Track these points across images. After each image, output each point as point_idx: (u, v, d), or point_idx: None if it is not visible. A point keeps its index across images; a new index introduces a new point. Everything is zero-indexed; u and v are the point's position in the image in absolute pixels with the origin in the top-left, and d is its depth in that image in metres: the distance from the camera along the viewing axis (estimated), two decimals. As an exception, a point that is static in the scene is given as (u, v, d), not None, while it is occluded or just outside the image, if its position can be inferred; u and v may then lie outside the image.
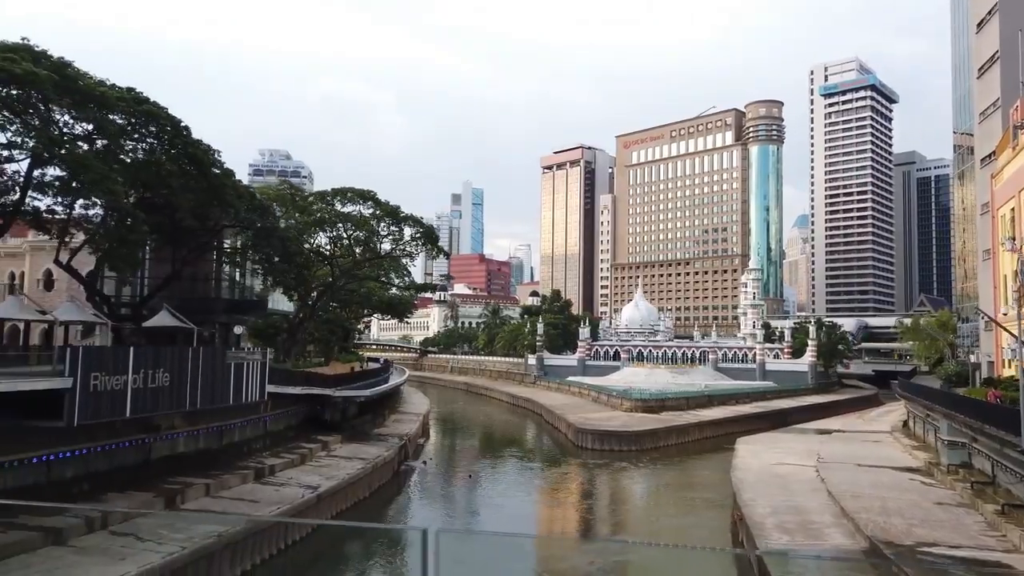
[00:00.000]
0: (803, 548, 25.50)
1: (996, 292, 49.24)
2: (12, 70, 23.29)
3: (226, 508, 30.43)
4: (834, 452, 48.14)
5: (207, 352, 34.62)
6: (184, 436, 36.23)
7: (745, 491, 35.33)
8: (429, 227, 61.21)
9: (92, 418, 27.45)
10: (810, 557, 25.14)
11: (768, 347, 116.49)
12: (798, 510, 31.34)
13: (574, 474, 53.96)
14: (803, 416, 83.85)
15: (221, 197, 34.07)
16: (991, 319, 44.64)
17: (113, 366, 28.22)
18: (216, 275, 44.87)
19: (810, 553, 24.95)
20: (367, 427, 58.21)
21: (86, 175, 24.42)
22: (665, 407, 77.91)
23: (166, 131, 32.22)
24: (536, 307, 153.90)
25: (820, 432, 62.34)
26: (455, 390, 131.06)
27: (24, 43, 26.93)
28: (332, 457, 44.30)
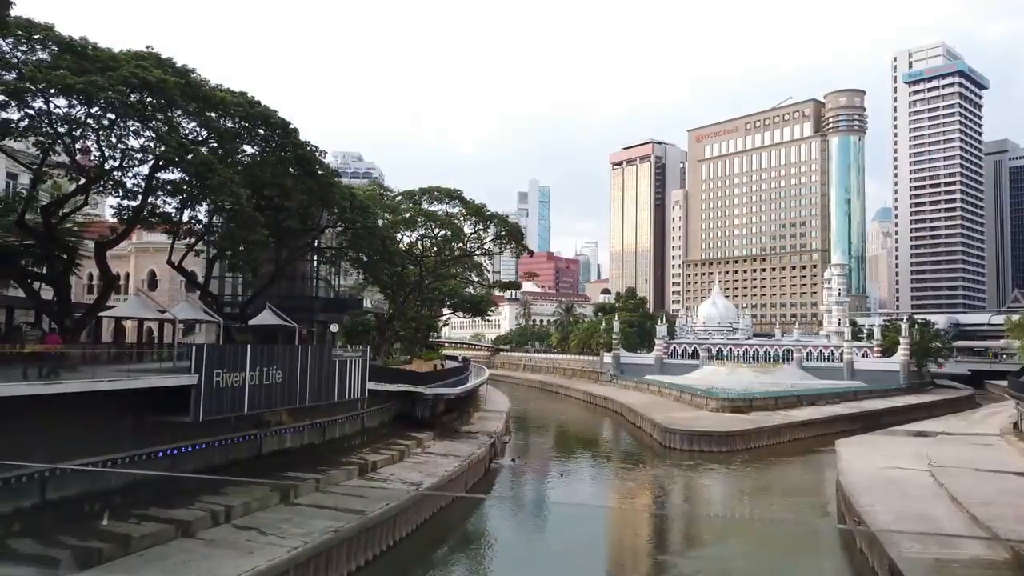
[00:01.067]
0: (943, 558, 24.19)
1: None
2: (145, 77, 24.18)
3: (336, 504, 30.90)
4: (945, 456, 45.88)
5: (315, 350, 35.36)
6: (291, 432, 37.13)
7: (860, 496, 33.92)
8: (515, 225, 61.24)
9: (215, 413, 28.34)
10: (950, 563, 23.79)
11: (856, 345, 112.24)
12: (923, 517, 29.87)
13: (667, 476, 53.01)
14: (897, 418, 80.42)
15: (329, 197, 34.76)
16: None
17: (232, 363, 29.06)
18: (316, 274, 45.84)
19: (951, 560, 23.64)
20: (455, 424, 58.64)
21: (212, 179, 25.16)
22: (753, 407, 75.91)
23: (275, 133, 33.00)
24: (610, 305, 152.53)
25: (922, 434, 59.54)
26: (529, 388, 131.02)
27: (150, 51, 28.00)
28: (428, 454, 44.69)
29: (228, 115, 28.89)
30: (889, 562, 24.41)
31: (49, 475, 23.98)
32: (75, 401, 23.89)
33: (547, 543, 36.88)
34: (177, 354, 29.96)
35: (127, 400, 26.45)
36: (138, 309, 32.52)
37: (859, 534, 30.59)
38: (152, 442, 28.31)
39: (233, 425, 32.11)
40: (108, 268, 29.85)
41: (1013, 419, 63.86)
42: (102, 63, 25.13)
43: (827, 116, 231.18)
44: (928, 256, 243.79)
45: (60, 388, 22.56)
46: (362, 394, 39.80)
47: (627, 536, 38.08)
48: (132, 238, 58.93)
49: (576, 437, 77.94)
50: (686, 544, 35.41)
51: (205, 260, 47.65)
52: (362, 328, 61.94)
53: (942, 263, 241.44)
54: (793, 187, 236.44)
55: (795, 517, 42.80)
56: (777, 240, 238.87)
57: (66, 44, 25.32)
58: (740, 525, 40.13)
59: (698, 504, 44.64)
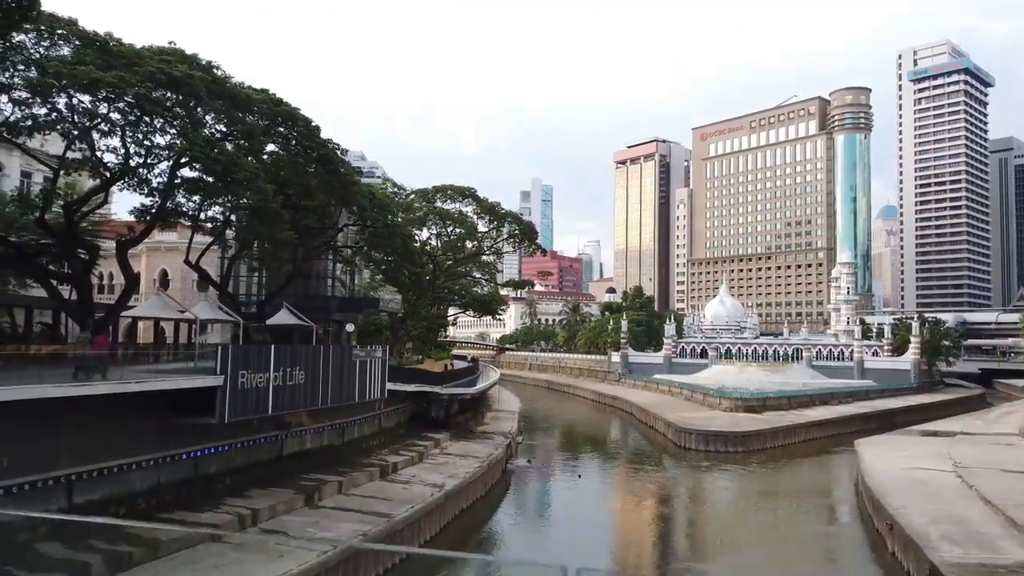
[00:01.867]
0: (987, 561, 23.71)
1: None
2: (171, 73, 23.73)
3: (361, 507, 30.51)
4: (968, 456, 45.33)
5: (336, 350, 34.93)
6: (311, 433, 36.75)
7: (891, 498, 33.43)
8: (529, 223, 60.75)
9: (240, 415, 27.90)
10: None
11: (866, 344, 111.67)
12: (959, 520, 29.38)
13: (685, 477, 52.57)
14: (910, 417, 79.87)
15: (350, 196, 34.28)
16: None
17: (256, 364, 28.62)
18: (332, 273, 45.41)
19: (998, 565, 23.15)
20: (470, 424, 58.24)
21: (239, 174, 24.70)
22: (767, 407, 75.42)
23: (296, 131, 32.56)
24: (617, 304, 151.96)
25: (940, 434, 58.98)
26: (536, 387, 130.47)
27: (173, 47, 27.55)
28: (446, 455, 44.27)
29: (253, 112, 28.42)
30: (930, 567, 23.92)
31: (76, 479, 23.61)
32: (102, 404, 23.48)
33: (571, 547, 36.42)
34: (199, 354, 29.54)
35: (152, 402, 26.05)
36: (158, 309, 32.08)
37: (893, 537, 30.11)
38: (176, 444, 27.92)
39: (255, 427, 31.72)
40: (130, 267, 29.46)
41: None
42: (127, 59, 24.68)
43: (832, 114, 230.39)
44: (933, 254, 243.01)
45: (90, 390, 22.14)
46: (382, 395, 39.38)
47: (654, 540, 37.59)
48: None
49: (588, 437, 77.46)
50: (715, 549, 34.89)
51: (220, 259, 47.34)
52: (374, 328, 61.46)
53: (947, 261, 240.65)
54: (798, 185, 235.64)
55: (819, 519, 42.40)
56: (782, 239, 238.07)
57: (89, 39, 24.88)
58: (766, 528, 39.63)
59: (721, 506, 44.07)
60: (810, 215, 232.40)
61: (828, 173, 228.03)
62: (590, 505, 44.91)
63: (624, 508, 43.54)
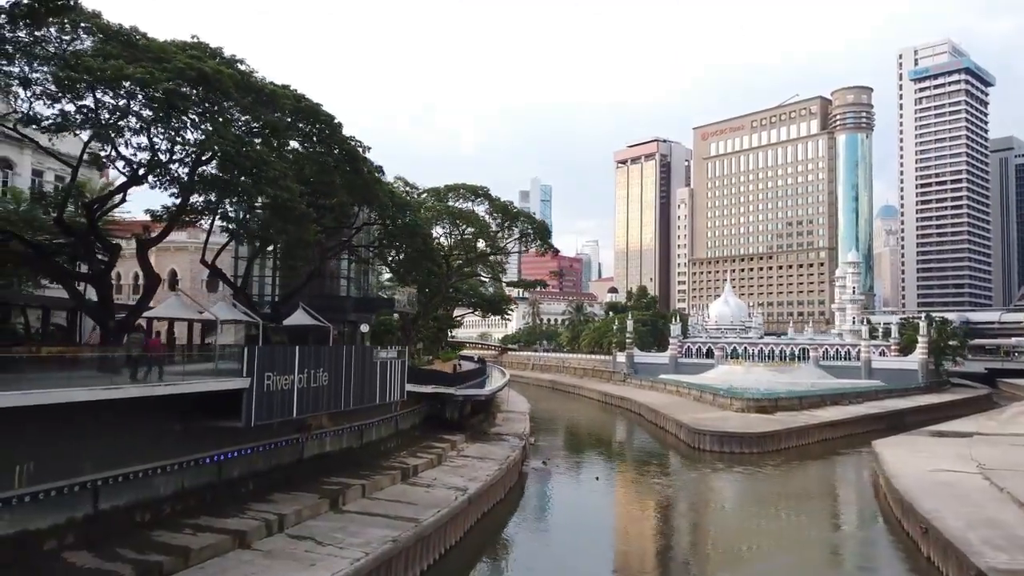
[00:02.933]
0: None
1: None
2: (201, 68, 23.11)
3: (387, 511, 29.91)
4: (990, 457, 44.87)
5: (358, 351, 34.35)
6: (330, 436, 36.14)
7: (923, 501, 32.90)
8: (542, 223, 60.18)
9: (266, 418, 27.34)
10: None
11: (873, 344, 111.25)
12: (996, 524, 28.86)
13: (702, 480, 51.99)
14: (919, 417, 79.54)
15: (371, 194, 33.68)
16: None
17: (282, 366, 28.05)
18: (348, 273, 44.83)
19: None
20: (483, 426, 57.69)
21: (268, 173, 24.10)
22: (779, 407, 74.89)
23: (316, 127, 31.97)
24: (621, 304, 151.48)
25: (956, 435, 58.49)
26: (540, 387, 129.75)
27: (196, 41, 26.94)
28: (464, 457, 43.69)
29: (279, 109, 27.81)
30: (977, 573, 23.39)
31: (102, 484, 23.00)
32: (127, 407, 22.90)
33: (595, 550, 35.90)
34: (220, 356, 28.93)
35: (175, 404, 25.46)
36: (178, 310, 31.47)
37: (929, 541, 29.59)
38: (199, 447, 27.31)
39: (276, 429, 31.08)
40: (151, 267, 28.85)
41: (1046, 419, 62.94)
42: (152, 53, 24.06)
43: (834, 113, 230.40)
44: (934, 254, 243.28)
45: (120, 393, 21.55)
46: (401, 396, 38.83)
47: (680, 547, 37.02)
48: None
49: (599, 439, 76.92)
50: (744, 556, 34.25)
51: (234, 259, 46.70)
52: (384, 328, 60.86)
53: (948, 261, 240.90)
54: (800, 185, 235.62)
55: (844, 523, 41.89)
56: (783, 238, 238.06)
57: (113, 33, 24.24)
58: (792, 532, 39.12)
59: (743, 510, 43.31)
60: (811, 215, 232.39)
61: (830, 173, 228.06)
62: (610, 509, 44.42)
63: (645, 512, 42.89)
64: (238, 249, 45.76)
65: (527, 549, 34.77)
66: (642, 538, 37.66)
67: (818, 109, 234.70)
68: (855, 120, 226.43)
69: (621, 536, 38.23)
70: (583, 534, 38.11)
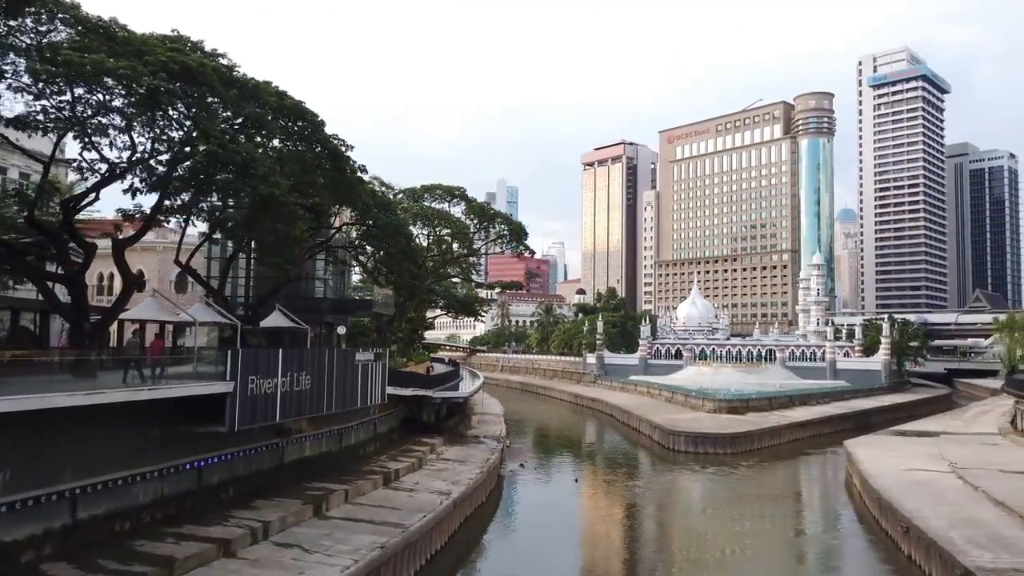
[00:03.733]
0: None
1: None
2: (185, 61, 22.32)
3: (372, 516, 29.35)
4: (961, 457, 45.79)
5: (340, 354, 33.75)
6: (310, 440, 35.43)
7: (902, 500, 33.37)
8: (519, 224, 59.91)
9: (249, 423, 26.65)
10: None
11: (838, 345, 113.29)
12: (976, 523, 29.36)
13: (679, 481, 52.29)
14: (885, 417, 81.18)
15: (354, 194, 33.03)
16: None
17: (266, 369, 27.35)
18: (325, 274, 44.06)
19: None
20: (460, 428, 57.27)
21: (257, 170, 23.38)
22: (749, 408, 75.73)
23: (299, 125, 31.27)
24: (591, 305, 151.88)
25: (924, 434, 59.70)
26: (509, 389, 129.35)
27: (177, 34, 26.09)
28: (444, 460, 43.23)
29: (263, 105, 27.07)
30: (964, 572, 23.72)
31: (80, 492, 22.12)
32: (107, 413, 22.05)
33: (577, 555, 35.78)
34: (198, 359, 28.12)
35: (156, 410, 24.62)
36: (155, 311, 30.41)
37: (910, 540, 29.99)
38: (178, 454, 26.48)
39: (256, 434, 30.32)
40: (128, 268, 27.93)
41: (1008, 417, 64.51)
42: (132, 46, 23.20)
43: (797, 118, 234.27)
44: (893, 257, 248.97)
45: (102, 398, 20.71)
46: (382, 399, 38.29)
47: (659, 550, 37.01)
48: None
49: (573, 440, 76.90)
50: (726, 559, 34.27)
51: (207, 259, 45.57)
52: (358, 330, 60.05)
53: (906, 263, 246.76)
54: (763, 188, 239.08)
55: (822, 523, 42.34)
56: (747, 240, 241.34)
57: (92, 25, 23.33)
58: (771, 534, 39.42)
59: (721, 511, 43.28)
60: (775, 217, 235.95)
61: (792, 176, 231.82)
62: (591, 512, 44.26)
63: (626, 515, 42.71)
64: (211, 249, 44.75)
65: (509, 553, 34.47)
66: (624, 542, 37.56)
67: (781, 114, 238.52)
68: (817, 125, 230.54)
69: (604, 540, 38.05)
70: (565, 538, 37.96)
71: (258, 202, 24.72)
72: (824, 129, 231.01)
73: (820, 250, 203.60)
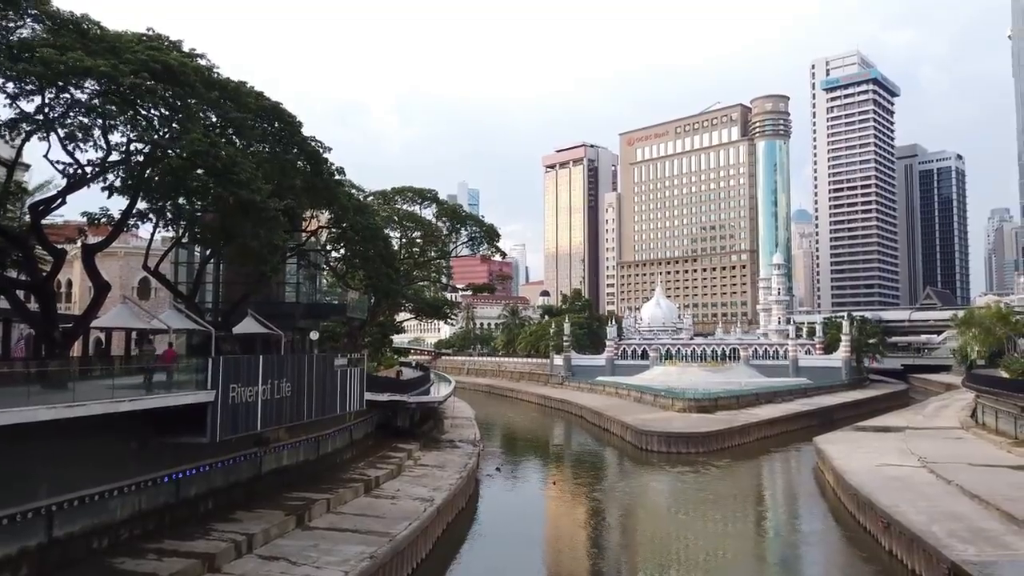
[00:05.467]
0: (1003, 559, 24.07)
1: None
2: (166, 60, 21.45)
3: (357, 526, 28.77)
4: (929, 451, 46.79)
5: (319, 360, 32.95)
6: (287, 448, 34.64)
7: (880, 496, 33.90)
8: (491, 226, 59.53)
9: (231, 432, 25.83)
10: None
11: (800, 343, 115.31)
12: (955, 516, 29.93)
13: (656, 482, 52.43)
14: (848, 413, 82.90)
15: (332, 197, 32.31)
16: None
17: (247, 377, 26.54)
18: (298, 278, 43.09)
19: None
20: (435, 433, 56.69)
21: (239, 174, 22.58)
22: (718, 407, 76.52)
23: (276, 127, 30.49)
24: (557, 307, 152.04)
25: (889, 429, 61.16)
26: (476, 392, 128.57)
27: (154, 33, 25.11)
28: (422, 466, 42.68)
29: (242, 107, 26.24)
30: (951, 566, 24.09)
31: (56, 509, 21.15)
32: (82, 426, 21.09)
33: (563, 557, 35.56)
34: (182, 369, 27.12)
35: (133, 421, 23.67)
36: (128, 318, 29.38)
37: (892, 536, 30.42)
38: (156, 466, 25.56)
39: (234, 444, 29.43)
40: (99, 273, 26.79)
41: (968, 411, 66.27)
42: (107, 44, 22.26)
43: (754, 121, 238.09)
44: (847, 256, 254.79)
45: (83, 411, 19.80)
46: (361, 405, 37.51)
47: (646, 553, 36.94)
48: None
49: (545, 442, 76.70)
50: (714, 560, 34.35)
51: (173, 264, 44.23)
52: (328, 335, 59.01)
53: (860, 262, 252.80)
54: (722, 190, 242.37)
55: (801, 520, 42.78)
56: (707, 241, 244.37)
57: (63, 20, 22.32)
58: (751, 534, 39.76)
59: (702, 511, 43.17)
60: (733, 218, 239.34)
61: (750, 178, 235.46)
62: (571, 515, 43.95)
63: (606, 517, 42.54)
64: (178, 254, 43.50)
65: (493, 558, 34.07)
66: (607, 546, 37.42)
67: (739, 116, 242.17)
68: (773, 127, 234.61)
69: (588, 544, 37.87)
70: (547, 542, 37.77)
71: (239, 206, 23.91)
72: (780, 131, 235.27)
73: (778, 250, 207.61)
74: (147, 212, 28.64)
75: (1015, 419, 49.36)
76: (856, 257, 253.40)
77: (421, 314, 73.19)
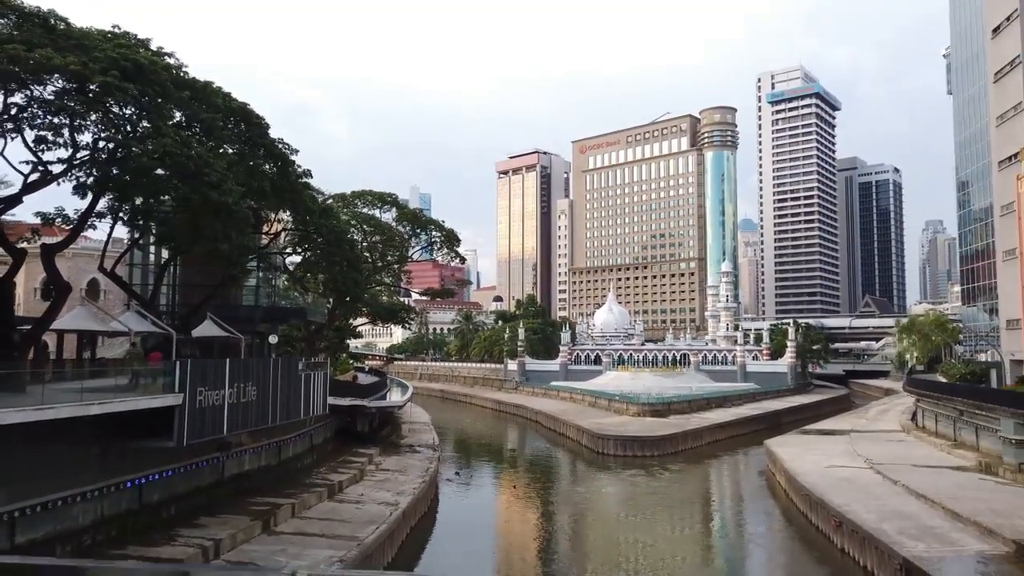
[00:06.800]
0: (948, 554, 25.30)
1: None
2: (137, 59, 21.08)
3: (323, 530, 28.63)
4: (874, 453, 48.60)
5: (284, 364, 32.69)
6: (249, 453, 34.20)
7: (832, 496, 35.14)
8: (450, 230, 59.62)
9: (198, 436, 25.50)
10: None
11: (747, 349, 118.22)
12: (904, 515, 31.25)
13: (612, 485, 53.18)
14: (794, 417, 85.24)
15: (298, 199, 32.03)
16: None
17: (213, 380, 26.22)
18: (258, 282, 42.51)
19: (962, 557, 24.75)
20: (393, 438, 56.51)
21: (210, 176, 22.30)
22: (671, 411, 77.96)
23: (242, 127, 30.19)
24: (510, 312, 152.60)
25: (835, 432, 63.07)
26: (430, 397, 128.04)
27: (119, 31, 24.62)
28: (384, 471, 42.53)
29: (211, 107, 25.92)
30: (902, 562, 25.20)
31: (19, 515, 20.58)
32: (45, 430, 20.59)
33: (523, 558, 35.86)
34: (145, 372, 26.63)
35: (96, 426, 23.17)
36: (87, 321, 28.68)
37: (843, 534, 31.57)
38: (117, 471, 25.02)
39: (198, 449, 29.00)
40: (60, 275, 26.14)
41: (908, 415, 68.90)
42: (74, 40, 21.82)
43: (702, 131, 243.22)
44: (790, 264, 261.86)
45: (52, 414, 19.34)
46: (324, 410, 37.30)
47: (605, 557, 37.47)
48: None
49: (502, 447, 77.02)
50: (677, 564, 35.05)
51: (128, 266, 43.24)
52: (285, 339, 58.29)
53: (802, 271, 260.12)
54: (671, 199, 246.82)
55: (753, 521, 43.92)
56: (657, 249, 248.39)
57: (29, 15, 21.80)
58: (703, 535, 40.71)
59: (660, 514, 43.92)
60: (682, 227, 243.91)
61: (699, 187, 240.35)
62: (529, 519, 44.28)
63: (568, 522, 42.93)
64: (133, 255, 42.58)
65: (456, 562, 34.19)
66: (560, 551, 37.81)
67: (687, 127, 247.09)
68: (721, 138, 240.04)
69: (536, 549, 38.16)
70: (509, 546, 38.01)
71: (210, 208, 23.63)
72: (728, 142, 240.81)
73: (726, 258, 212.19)
74: (107, 212, 28.06)
75: (954, 422, 51.58)
76: (799, 265, 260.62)
77: (378, 319, 72.73)
